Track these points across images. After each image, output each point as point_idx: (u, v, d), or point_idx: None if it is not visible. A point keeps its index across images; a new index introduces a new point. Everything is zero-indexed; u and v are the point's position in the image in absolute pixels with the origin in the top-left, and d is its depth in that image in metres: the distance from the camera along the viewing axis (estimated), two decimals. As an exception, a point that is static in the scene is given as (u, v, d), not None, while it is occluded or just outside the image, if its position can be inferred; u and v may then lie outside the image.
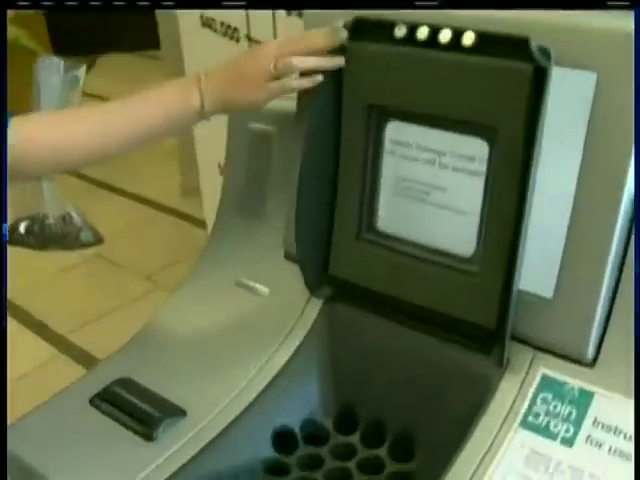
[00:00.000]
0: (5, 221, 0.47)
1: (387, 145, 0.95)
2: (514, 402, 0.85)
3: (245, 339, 1.00)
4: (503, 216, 0.85)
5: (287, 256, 1.04)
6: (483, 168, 0.88)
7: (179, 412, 0.93)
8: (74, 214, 1.18)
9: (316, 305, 1.00)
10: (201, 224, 2.68)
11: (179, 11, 2.02)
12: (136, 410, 0.93)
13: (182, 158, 3.35)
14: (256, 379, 0.95)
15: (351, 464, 0.90)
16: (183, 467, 0.86)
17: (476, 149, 0.88)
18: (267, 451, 0.91)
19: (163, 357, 1.02)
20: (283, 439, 0.93)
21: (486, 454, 0.81)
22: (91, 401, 0.97)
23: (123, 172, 3.76)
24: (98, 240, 1.25)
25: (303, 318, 0.99)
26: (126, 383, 0.98)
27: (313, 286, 1.01)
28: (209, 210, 2.37)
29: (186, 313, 1.08)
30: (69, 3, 0.72)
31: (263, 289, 1.05)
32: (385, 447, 0.91)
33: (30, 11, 3.58)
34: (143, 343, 1.06)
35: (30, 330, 2.58)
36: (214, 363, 0.99)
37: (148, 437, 0.90)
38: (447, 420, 0.87)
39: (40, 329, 2.57)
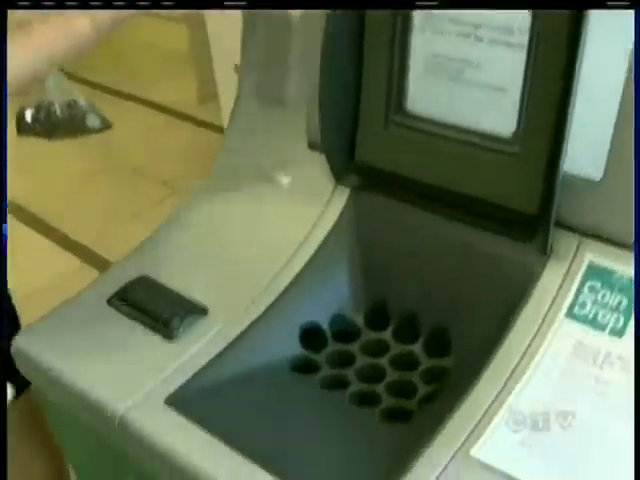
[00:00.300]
0: (5, 221, 0.46)
1: (416, 19, 0.87)
2: (558, 292, 0.79)
3: (268, 233, 0.94)
4: (548, 92, 0.77)
5: (311, 145, 0.97)
6: (524, 40, 0.79)
7: (200, 310, 0.88)
8: (80, 100, 1.12)
9: (343, 195, 0.93)
10: (219, 130, 2.61)
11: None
12: (155, 309, 0.89)
13: (198, 64, 3.25)
14: (281, 274, 0.89)
15: (383, 360, 0.85)
16: (205, 367, 0.81)
17: (516, 19, 0.79)
18: (295, 349, 0.86)
19: (182, 254, 0.97)
20: (311, 336, 0.88)
21: (529, 347, 0.76)
22: (109, 301, 0.92)
23: (139, 80, 3.67)
24: (106, 125, 1.18)
25: (329, 209, 0.93)
26: (144, 282, 0.94)
27: (339, 174, 0.94)
28: (227, 116, 2.30)
29: (205, 208, 1.02)
30: (69, 3, 0.68)
31: (286, 179, 0.98)
32: (419, 343, 0.86)
33: None
34: (161, 241, 1.00)
35: (53, 241, 2.56)
36: (236, 259, 0.94)
37: (168, 336, 0.86)
38: (485, 313, 0.82)
39: (62, 240, 2.55)
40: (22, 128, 1.14)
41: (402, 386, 0.83)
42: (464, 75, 0.85)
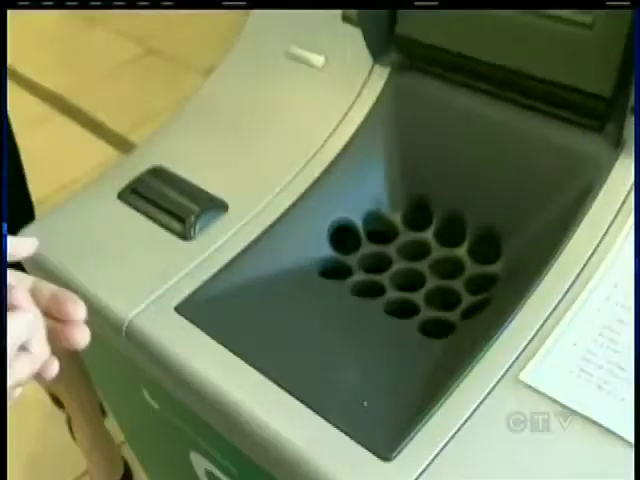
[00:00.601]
0: (5, 221, 0.44)
1: None
2: (630, 192, 0.67)
3: (295, 120, 0.84)
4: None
5: (345, 18, 0.84)
6: None
7: (220, 205, 0.79)
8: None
9: (381, 75, 0.81)
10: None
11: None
12: (170, 204, 0.80)
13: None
14: (309, 166, 0.79)
15: (423, 265, 0.75)
16: (222, 270, 0.73)
17: None
18: (324, 250, 0.77)
19: (200, 144, 0.87)
20: (343, 236, 0.78)
21: (594, 254, 0.65)
22: (120, 195, 0.83)
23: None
24: None
25: (365, 91, 0.81)
26: (159, 173, 0.84)
27: (377, 51, 0.81)
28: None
29: (229, 91, 0.91)
30: (69, 3, 0.65)
31: (317, 59, 0.86)
32: (464, 246, 0.75)
33: None
34: (178, 129, 0.90)
35: (88, 130, 2.48)
36: (260, 148, 0.83)
37: (184, 235, 0.77)
38: (543, 214, 0.71)
39: (98, 129, 2.47)
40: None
41: (443, 295, 0.73)
42: None
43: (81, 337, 0.51)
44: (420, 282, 0.74)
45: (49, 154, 2.25)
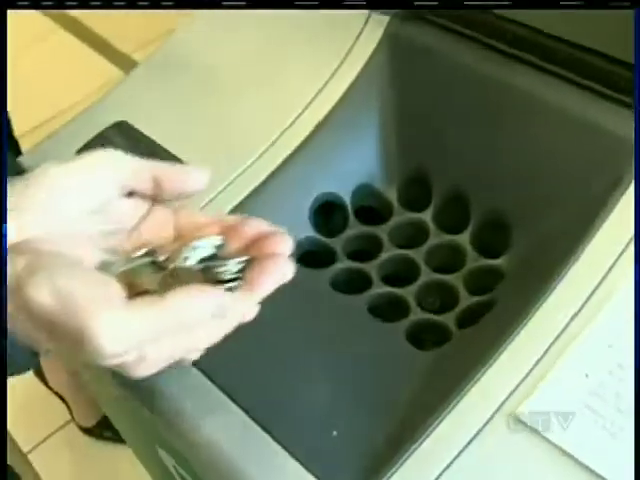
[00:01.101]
0: (5, 221, 0.39)
1: None
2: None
3: (278, 74, 0.71)
4: None
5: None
6: None
7: (187, 173, 0.68)
8: None
9: (379, 25, 0.68)
10: None
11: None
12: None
13: None
14: (290, 130, 0.67)
15: (418, 253, 0.65)
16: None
17: None
18: (304, 230, 0.66)
19: (170, 99, 0.75)
20: (327, 213, 0.68)
21: (619, 258, 0.54)
22: (79, 152, 0.72)
23: None
24: None
25: (359, 46, 0.68)
26: (122, 129, 0.73)
27: (374, -4, 0.68)
28: None
29: (203, 41, 0.79)
30: (69, 3, 0.65)
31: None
32: (467, 233, 0.64)
33: None
34: (148, 80, 0.78)
35: (94, 50, 2.35)
36: (234, 109, 0.72)
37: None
38: (562, 203, 0.59)
39: (104, 48, 2.34)
40: None
41: (438, 293, 0.63)
42: None
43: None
44: (413, 274, 0.64)
45: (48, 74, 2.13)
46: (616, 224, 0.55)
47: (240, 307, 0.43)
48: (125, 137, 0.73)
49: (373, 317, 0.60)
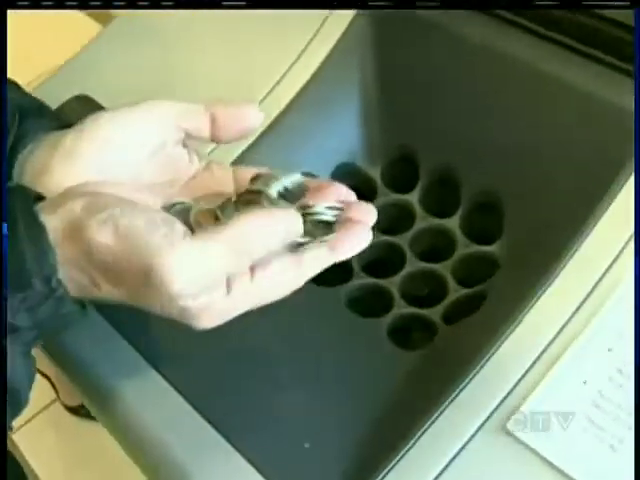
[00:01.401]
0: (5, 221, 0.36)
1: None
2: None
3: (248, 48, 0.65)
4: None
5: None
6: None
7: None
8: None
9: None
10: None
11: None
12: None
13: None
14: (263, 106, 0.61)
15: (403, 239, 0.59)
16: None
17: None
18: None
19: (134, 70, 0.69)
20: (305, 196, 0.62)
21: (624, 249, 0.48)
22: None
23: None
24: None
25: (336, 13, 0.62)
26: (82, 102, 0.67)
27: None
28: None
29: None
30: (69, 3, 0.61)
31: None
32: (457, 216, 0.59)
33: None
34: (109, 50, 0.72)
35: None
36: (200, 85, 0.65)
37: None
38: (559, 184, 0.54)
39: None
40: None
41: (425, 283, 0.57)
42: None
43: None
44: (397, 262, 0.58)
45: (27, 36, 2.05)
46: (618, 214, 0.49)
47: (319, 260, 0.41)
48: (87, 111, 0.67)
49: (352, 312, 0.55)
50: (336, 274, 0.57)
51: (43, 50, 2.06)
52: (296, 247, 0.40)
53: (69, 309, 0.38)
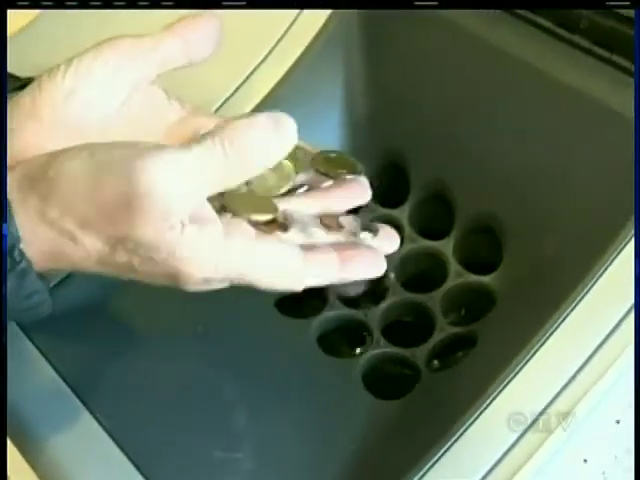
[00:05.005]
0: (5, 221, 0.31)
1: None
2: None
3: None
4: None
5: None
6: None
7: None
8: None
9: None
10: None
11: None
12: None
13: None
14: (228, 105, 0.54)
15: (387, 263, 0.51)
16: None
17: None
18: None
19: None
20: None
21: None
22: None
23: None
24: None
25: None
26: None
27: None
28: None
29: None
30: (69, 3, 0.55)
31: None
32: (450, 238, 0.51)
33: None
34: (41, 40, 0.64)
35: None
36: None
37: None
38: (568, 211, 0.46)
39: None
40: None
41: (410, 316, 0.50)
42: None
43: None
44: (380, 290, 0.51)
45: None
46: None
47: (324, 266, 0.40)
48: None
49: (323, 351, 0.48)
50: (309, 303, 0.50)
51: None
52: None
53: (33, 287, 0.34)
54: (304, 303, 0.50)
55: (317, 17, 0.52)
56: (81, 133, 0.38)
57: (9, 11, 0.43)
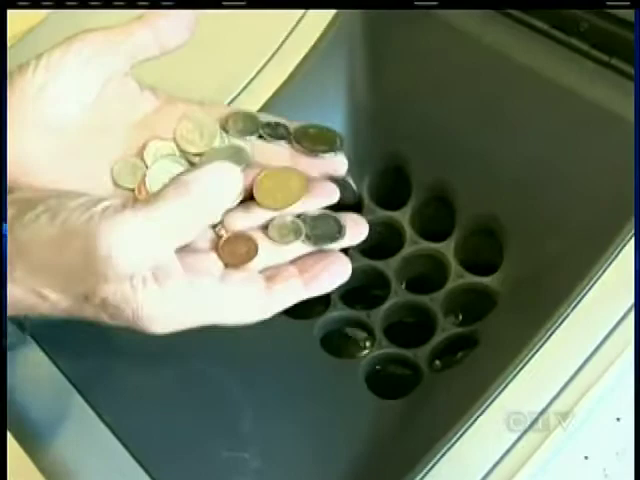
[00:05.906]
0: (5, 221, 0.32)
1: None
2: None
3: (218, 37, 0.57)
4: None
5: None
6: None
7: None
8: None
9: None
10: None
11: None
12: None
13: None
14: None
15: (389, 265, 0.52)
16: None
17: None
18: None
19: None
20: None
21: None
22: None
23: None
24: None
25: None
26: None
27: None
28: None
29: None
30: (69, 3, 0.55)
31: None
32: (451, 240, 0.52)
33: None
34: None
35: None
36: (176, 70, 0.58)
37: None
38: (573, 213, 0.46)
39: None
40: None
41: (412, 317, 0.50)
42: None
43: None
44: (382, 293, 0.51)
45: None
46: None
47: (290, 293, 0.40)
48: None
49: (325, 351, 0.48)
50: (310, 303, 0.51)
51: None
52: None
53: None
54: (307, 304, 0.50)
55: (322, 18, 0.53)
56: (54, 128, 0.38)
57: (17, 12, 0.43)
